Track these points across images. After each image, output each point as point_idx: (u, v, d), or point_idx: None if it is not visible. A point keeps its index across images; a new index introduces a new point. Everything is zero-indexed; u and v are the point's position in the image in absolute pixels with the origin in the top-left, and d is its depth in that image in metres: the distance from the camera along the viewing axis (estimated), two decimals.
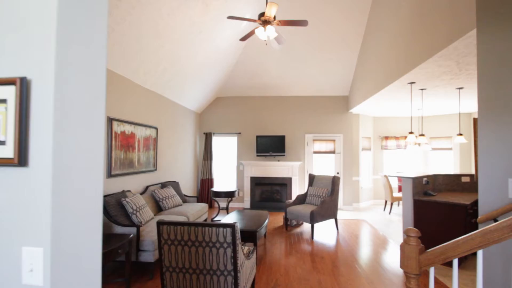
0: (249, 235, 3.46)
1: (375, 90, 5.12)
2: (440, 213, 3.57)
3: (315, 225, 5.45)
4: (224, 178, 7.44)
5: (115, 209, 3.25)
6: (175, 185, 5.05)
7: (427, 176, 4.18)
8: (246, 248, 2.78)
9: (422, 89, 4.67)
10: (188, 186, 6.60)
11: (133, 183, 4.15)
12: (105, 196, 3.27)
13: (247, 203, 7.06)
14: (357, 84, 6.27)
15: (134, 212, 3.37)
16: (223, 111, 7.39)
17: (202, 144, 7.40)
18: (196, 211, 4.52)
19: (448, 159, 7.45)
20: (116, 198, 3.35)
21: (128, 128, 3.97)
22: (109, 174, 3.55)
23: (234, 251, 2.06)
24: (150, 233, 3.20)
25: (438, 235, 3.56)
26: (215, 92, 7.05)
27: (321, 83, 6.81)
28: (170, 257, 2.14)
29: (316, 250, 4.09)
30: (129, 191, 3.86)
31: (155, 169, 4.80)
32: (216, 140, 7.43)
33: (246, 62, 6.36)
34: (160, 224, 2.11)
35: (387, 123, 7.91)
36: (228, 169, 7.43)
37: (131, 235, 2.88)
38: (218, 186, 7.37)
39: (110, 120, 3.56)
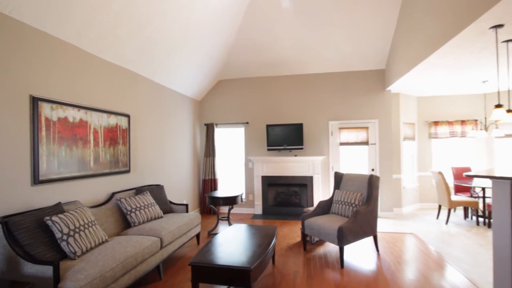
0: (238, 276, 2.18)
1: (427, 52, 3.57)
2: None
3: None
4: (231, 178, 6.20)
5: (30, 234, 2.12)
6: (157, 190, 3.89)
7: None
8: None
9: (508, 41, 3.06)
10: (185, 190, 5.45)
11: (87, 191, 3.03)
12: (17, 214, 2.16)
13: (258, 209, 5.78)
14: (398, 50, 4.70)
15: (66, 236, 2.22)
16: (227, 97, 6.13)
17: (203, 137, 6.21)
18: (179, 226, 3.32)
19: None
20: (37, 217, 2.22)
21: (73, 114, 2.84)
22: (36, 180, 2.44)
23: None
24: (83, 272, 2.03)
25: None
26: (215, 74, 5.81)
27: (349, 54, 5.30)
28: None
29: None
30: (75, 202, 2.74)
31: (128, 170, 3.67)
32: (219, 132, 6.20)
33: (251, 31, 5.03)
34: None
35: (436, 104, 6.18)
36: (235, 167, 6.18)
37: (31, 283, 1.71)
38: (223, 188, 6.15)
39: (34, 101, 2.44)
